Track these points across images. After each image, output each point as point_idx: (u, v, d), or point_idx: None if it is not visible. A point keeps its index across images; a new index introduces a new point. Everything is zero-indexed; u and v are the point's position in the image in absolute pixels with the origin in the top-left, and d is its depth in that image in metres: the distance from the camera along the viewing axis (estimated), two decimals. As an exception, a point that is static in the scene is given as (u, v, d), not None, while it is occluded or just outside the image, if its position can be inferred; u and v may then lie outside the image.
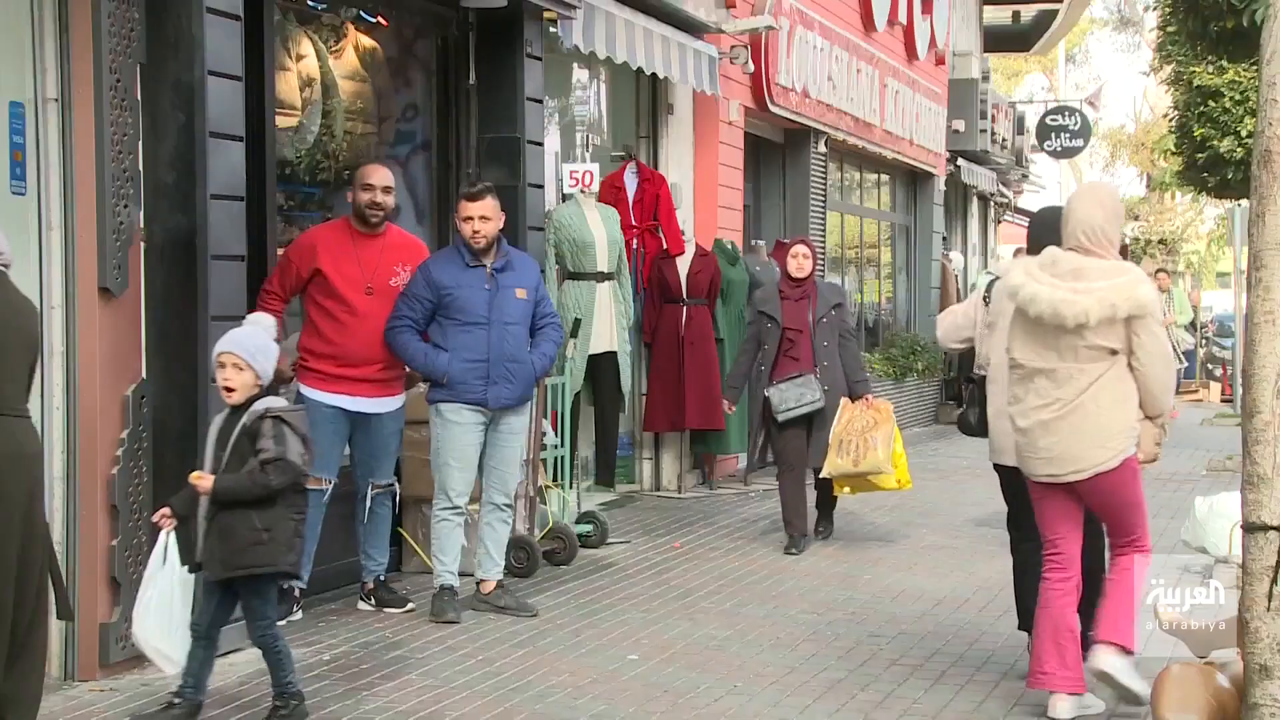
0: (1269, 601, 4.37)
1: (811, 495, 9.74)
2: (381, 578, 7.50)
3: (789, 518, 9.45)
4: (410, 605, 7.40)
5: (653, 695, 6.04)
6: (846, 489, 9.54)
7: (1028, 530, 6.03)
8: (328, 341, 7.15)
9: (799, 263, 9.50)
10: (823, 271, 15.35)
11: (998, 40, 26.81)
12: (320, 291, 7.15)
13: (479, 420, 7.32)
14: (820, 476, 9.35)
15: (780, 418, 9.25)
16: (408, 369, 7.40)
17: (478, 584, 7.50)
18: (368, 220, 7.26)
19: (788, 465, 9.46)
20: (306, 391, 7.12)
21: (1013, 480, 6.08)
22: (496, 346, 7.27)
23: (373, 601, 7.43)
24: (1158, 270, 21.06)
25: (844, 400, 9.28)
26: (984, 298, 6.46)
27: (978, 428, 6.48)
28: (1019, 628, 6.46)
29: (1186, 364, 19.81)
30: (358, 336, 7.15)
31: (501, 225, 7.41)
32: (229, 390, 5.39)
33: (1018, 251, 8.47)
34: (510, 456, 7.49)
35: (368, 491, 7.38)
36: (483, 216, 7.28)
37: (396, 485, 7.57)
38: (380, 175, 7.34)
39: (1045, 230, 5.90)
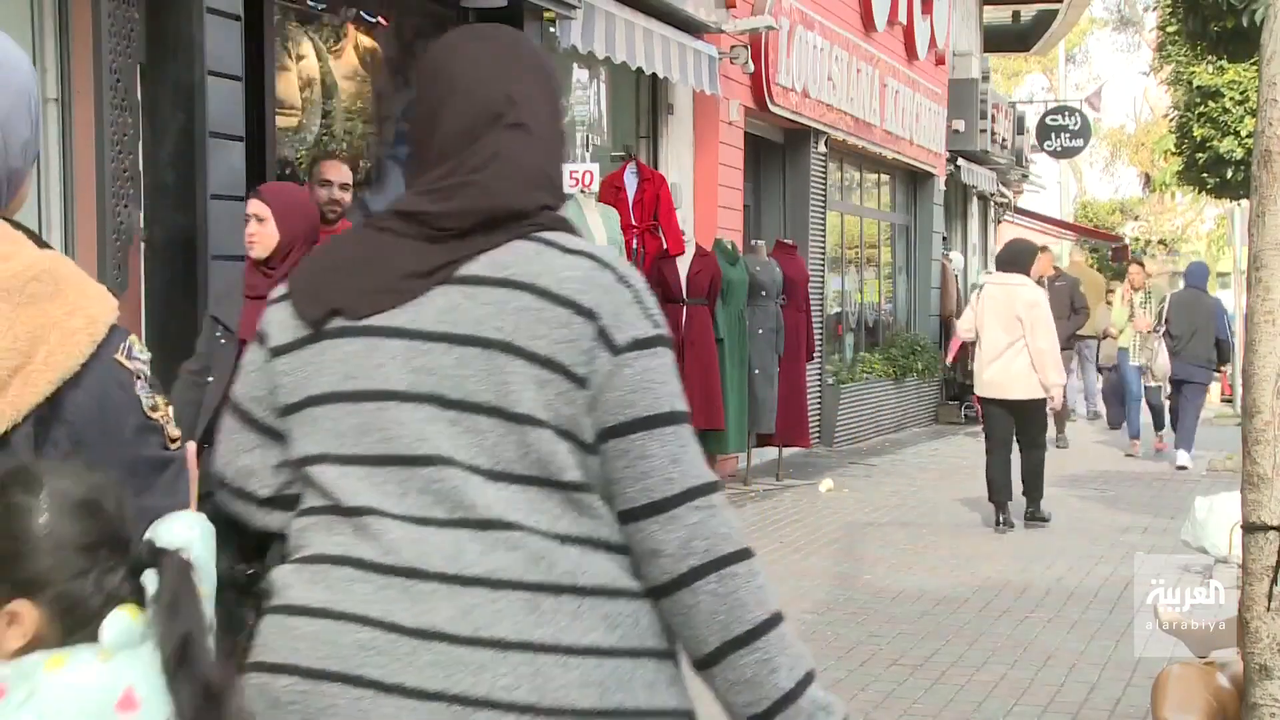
0: (1269, 601, 4.36)
1: None
2: None
3: None
4: None
5: (653, 695, 6.03)
6: None
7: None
8: None
9: (249, 230, 5.19)
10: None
11: (998, 40, 26.80)
12: None
13: None
14: None
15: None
16: None
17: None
18: (325, 217, 7.09)
19: None
20: None
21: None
22: None
23: None
24: (1132, 263, 19.09)
25: None
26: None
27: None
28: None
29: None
30: None
31: None
32: None
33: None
34: None
35: None
36: None
37: None
38: (340, 172, 7.15)
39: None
